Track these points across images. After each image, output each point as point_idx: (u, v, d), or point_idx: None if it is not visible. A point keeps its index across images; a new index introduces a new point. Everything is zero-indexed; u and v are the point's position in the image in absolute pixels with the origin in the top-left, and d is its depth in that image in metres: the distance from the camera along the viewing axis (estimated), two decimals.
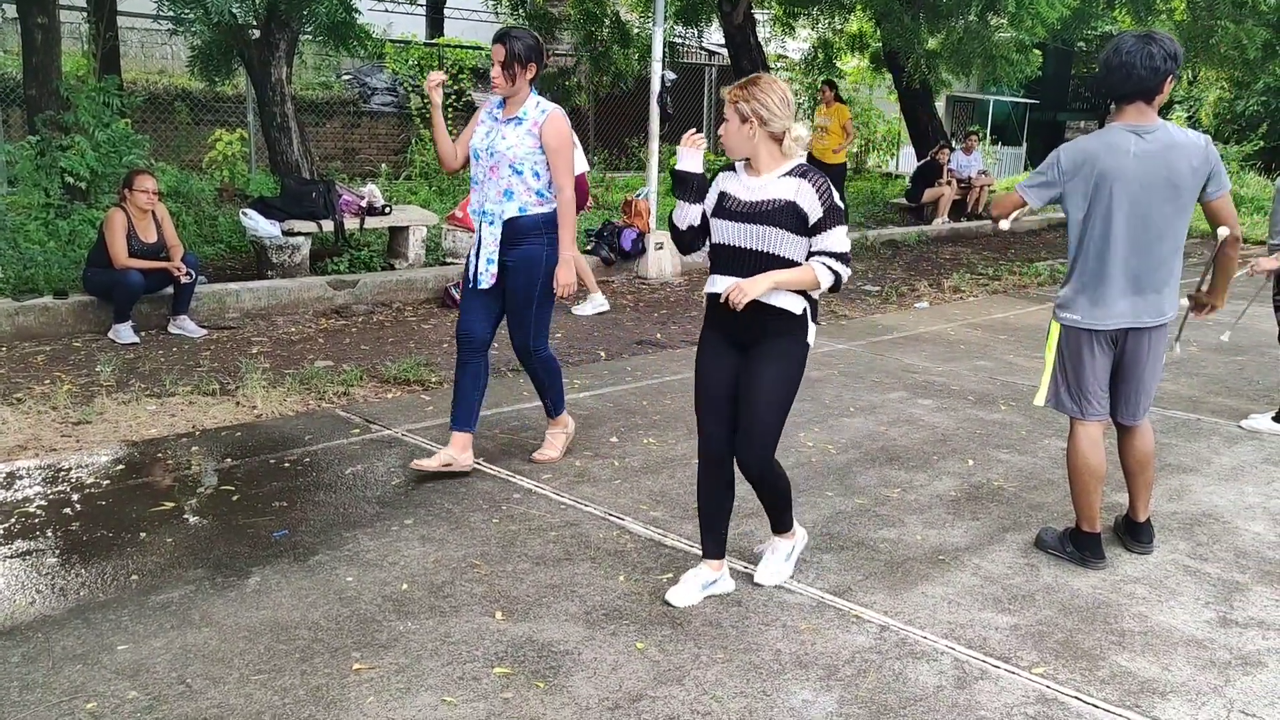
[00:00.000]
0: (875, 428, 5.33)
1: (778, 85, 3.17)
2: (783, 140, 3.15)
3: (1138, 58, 3.40)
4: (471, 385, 4.38)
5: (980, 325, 8.21)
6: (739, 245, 3.18)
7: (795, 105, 3.15)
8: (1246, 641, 3.20)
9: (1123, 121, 3.52)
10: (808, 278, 3.13)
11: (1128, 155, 3.46)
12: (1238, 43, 11.86)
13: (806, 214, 3.11)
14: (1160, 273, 3.55)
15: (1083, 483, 3.72)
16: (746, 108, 3.12)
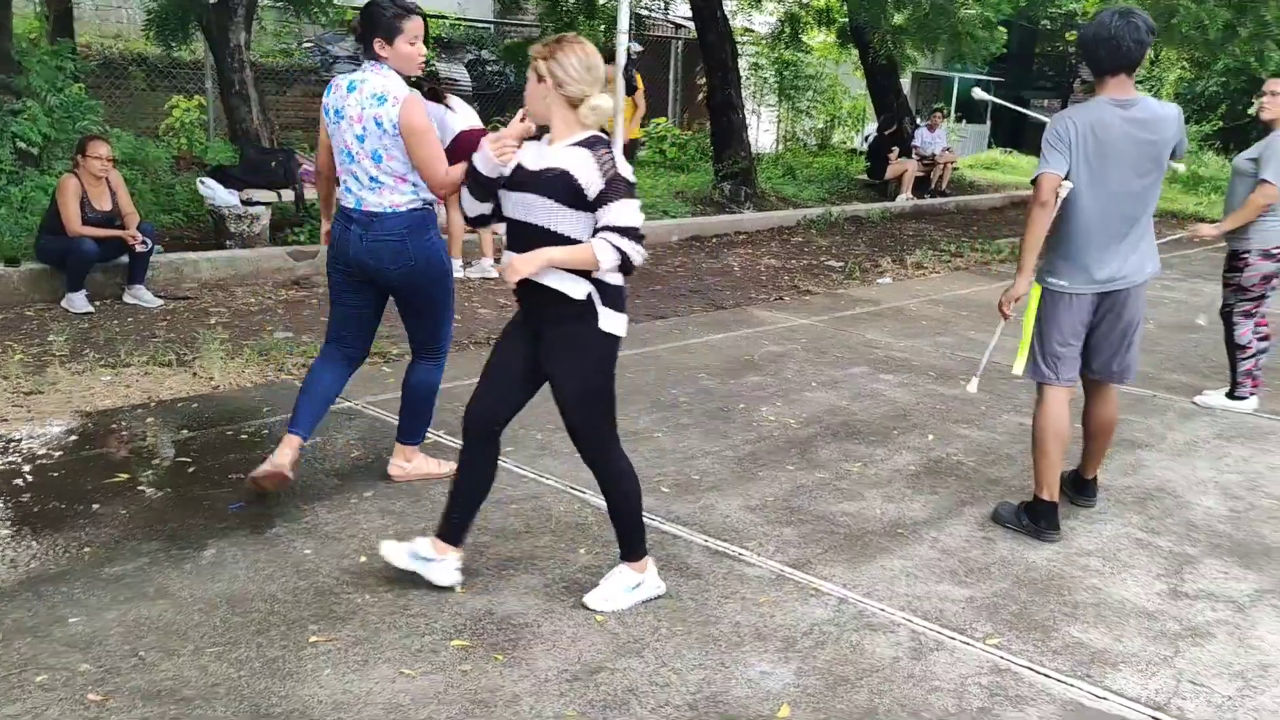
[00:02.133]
0: (837, 402, 5.35)
1: (583, 48, 2.93)
2: (579, 107, 2.91)
3: (1125, 32, 3.49)
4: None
5: (942, 301, 8.27)
6: (515, 217, 2.97)
7: (601, 73, 2.94)
8: (1196, 613, 3.27)
9: (1107, 95, 3.63)
10: (585, 255, 2.83)
11: (1116, 126, 3.58)
12: (1199, 23, 11.95)
13: (582, 186, 2.83)
14: (1143, 233, 3.72)
15: (1048, 448, 3.78)
16: (544, 66, 2.89)
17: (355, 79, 3.63)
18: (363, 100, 3.57)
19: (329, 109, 3.67)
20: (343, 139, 3.62)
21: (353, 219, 3.66)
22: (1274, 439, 5.04)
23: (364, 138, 3.57)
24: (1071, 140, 3.58)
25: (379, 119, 3.54)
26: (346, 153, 3.62)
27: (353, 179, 3.65)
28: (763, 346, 6.44)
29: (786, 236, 11.30)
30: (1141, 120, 3.58)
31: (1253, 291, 5.37)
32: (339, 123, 3.62)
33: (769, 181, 13.75)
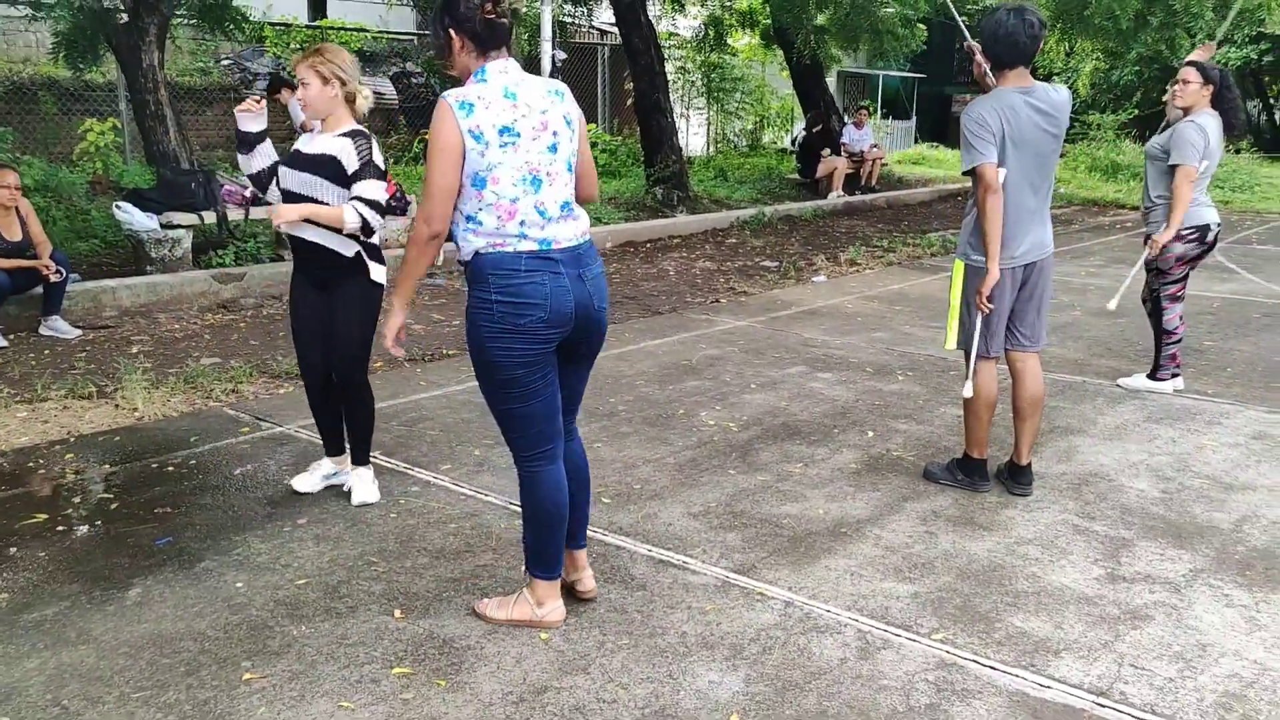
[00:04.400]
0: (776, 403, 5.35)
1: (345, 51, 3.72)
2: (355, 101, 3.70)
3: (1021, 29, 3.79)
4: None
5: (877, 297, 8.34)
6: (291, 189, 3.73)
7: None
8: (1134, 596, 3.31)
9: (1010, 85, 3.90)
10: (336, 214, 3.61)
11: (1022, 111, 3.84)
12: (1111, 13, 12.23)
13: (345, 167, 3.63)
14: (1048, 210, 4.06)
15: (979, 412, 4.14)
16: (327, 69, 3.60)
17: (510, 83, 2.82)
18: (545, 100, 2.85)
19: (494, 128, 2.74)
20: (524, 160, 2.79)
21: (558, 259, 2.84)
22: (1200, 419, 5.15)
23: (557, 147, 2.85)
24: (995, 128, 3.82)
25: (569, 118, 2.89)
26: (532, 179, 2.80)
27: (536, 210, 2.82)
28: (700, 350, 6.43)
29: (721, 238, 11.33)
30: (1041, 106, 3.87)
31: (1173, 274, 5.48)
32: (515, 142, 2.77)
33: (701, 184, 13.79)
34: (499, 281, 2.75)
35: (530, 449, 2.93)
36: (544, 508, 2.97)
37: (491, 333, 2.77)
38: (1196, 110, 5.27)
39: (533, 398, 2.85)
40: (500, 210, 2.74)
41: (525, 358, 2.79)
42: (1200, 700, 2.72)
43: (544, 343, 2.81)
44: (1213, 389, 5.68)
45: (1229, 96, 5.33)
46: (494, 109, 2.72)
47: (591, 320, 2.89)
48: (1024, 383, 4.15)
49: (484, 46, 2.78)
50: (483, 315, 2.79)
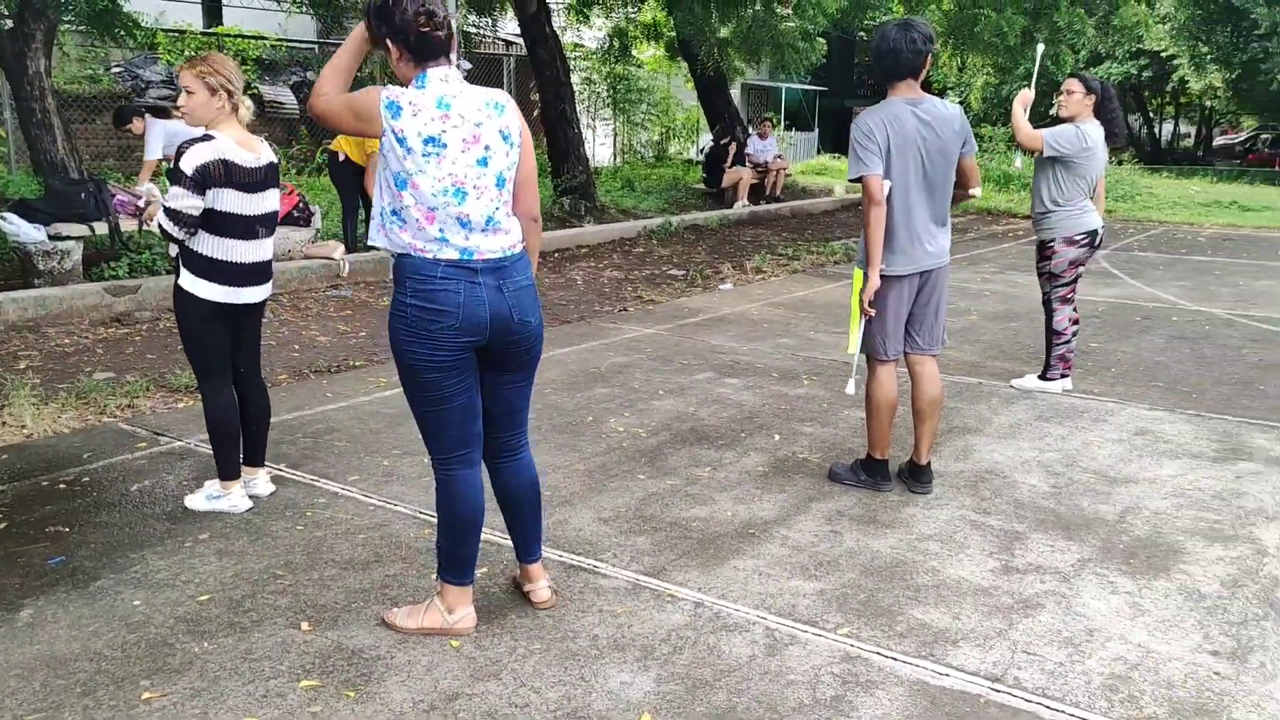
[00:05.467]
0: (684, 409, 5.42)
1: (230, 60, 3.76)
2: (238, 110, 3.72)
3: (903, 43, 3.91)
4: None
5: (782, 304, 8.50)
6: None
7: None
8: (1026, 586, 3.44)
9: (899, 96, 4.00)
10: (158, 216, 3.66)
11: (910, 124, 3.94)
12: (999, 30, 12.72)
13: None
14: (942, 220, 4.13)
15: (880, 414, 4.26)
16: (216, 80, 3.61)
17: (448, 92, 2.79)
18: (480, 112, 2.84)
19: (419, 137, 2.74)
20: (449, 171, 2.78)
21: (478, 269, 2.83)
22: (1086, 417, 5.38)
23: (488, 161, 2.84)
24: (879, 139, 3.92)
25: (506, 132, 2.87)
26: (456, 190, 2.79)
27: (458, 221, 2.81)
28: (609, 358, 6.47)
29: (628, 247, 11.40)
30: (928, 118, 3.97)
31: (1064, 277, 5.72)
32: (440, 153, 2.76)
33: (609, 194, 13.87)
34: (415, 286, 2.78)
35: (445, 452, 2.95)
36: (457, 511, 2.98)
37: (406, 335, 2.81)
38: (1081, 119, 5.53)
39: (447, 402, 2.86)
40: (419, 214, 2.76)
41: (438, 362, 2.81)
42: (1088, 683, 2.85)
43: (457, 350, 2.82)
44: (1098, 388, 5.93)
45: (1110, 107, 5.61)
46: (422, 117, 2.73)
47: (512, 331, 2.89)
48: (922, 385, 4.29)
49: (419, 57, 2.78)
50: (399, 318, 2.84)
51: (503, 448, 3.11)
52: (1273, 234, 14.42)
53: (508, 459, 3.13)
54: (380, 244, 2.86)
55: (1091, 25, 13.63)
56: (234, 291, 3.79)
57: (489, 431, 3.06)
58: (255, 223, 3.79)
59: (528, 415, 3.17)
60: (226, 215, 3.69)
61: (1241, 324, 7.89)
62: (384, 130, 2.73)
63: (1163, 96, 36.95)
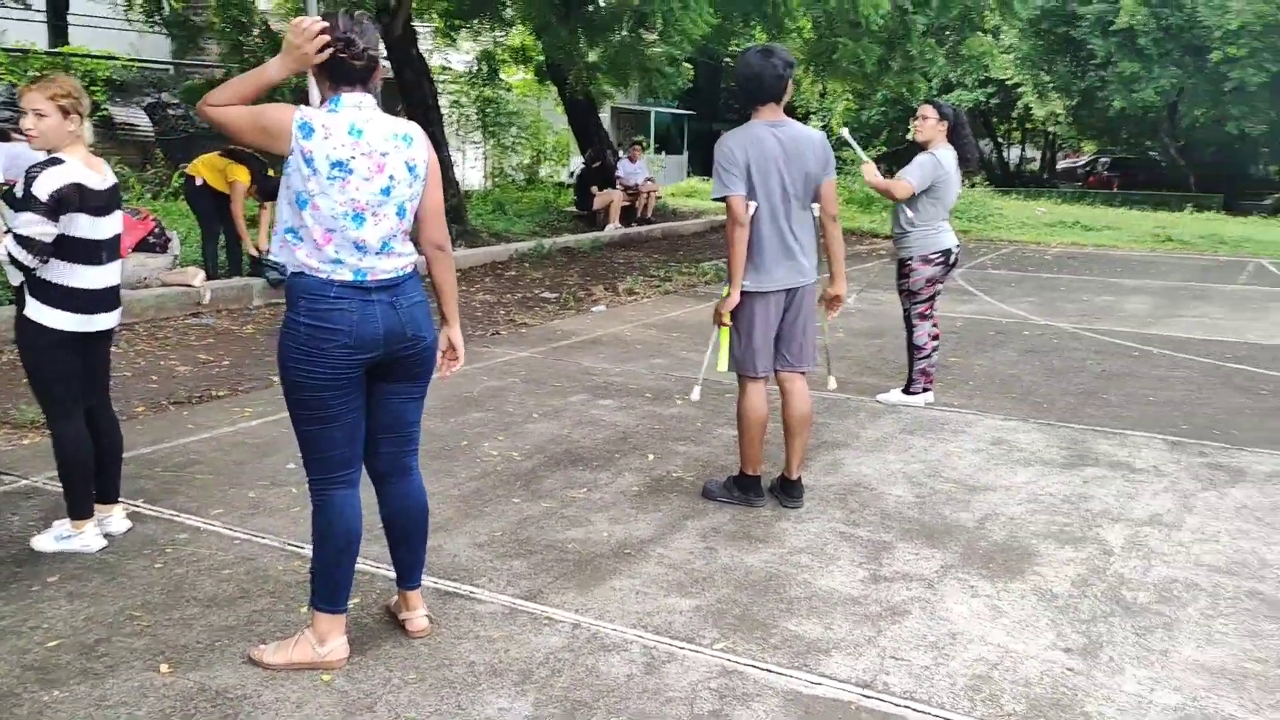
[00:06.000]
0: (559, 431, 5.41)
1: (76, 81, 3.69)
2: (82, 134, 3.63)
3: (764, 69, 4.03)
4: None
5: (654, 325, 8.59)
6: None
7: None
8: (893, 594, 3.56)
9: (761, 119, 4.11)
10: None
11: (771, 146, 4.04)
12: (857, 59, 13.22)
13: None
14: (806, 241, 4.23)
15: (751, 430, 4.32)
16: (69, 103, 3.54)
17: (359, 119, 2.81)
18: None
19: (327, 160, 2.75)
20: (351, 197, 2.78)
21: (371, 289, 2.86)
22: (947, 429, 5.60)
23: (390, 190, 2.85)
24: (740, 161, 4.03)
25: (412, 163, 2.90)
26: (355, 215, 2.80)
27: (354, 245, 2.82)
28: (482, 382, 6.41)
29: (500, 271, 11.35)
30: (790, 141, 4.09)
31: (923, 294, 5.95)
32: (345, 178, 2.77)
33: (480, 218, 13.78)
34: (308, 305, 2.80)
35: (325, 472, 2.93)
36: (335, 533, 2.93)
37: (297, 354, 2.81)
38: (935, 144, 5.79)
39: (335, 421, 2.87)
40: (317, 234, 2.78)
41: (327, 380, 2.82)
42: (952, 684, 2.96)
43: (348, 368, 2.83)
44: (958, 401, 6.19)
45: (962, 133, 5.89)
46: (333, 140, 2.75)
47: (405, 346, 2.92)
48: (792, 402, 4.38)
49: (335, 81, 2.81)
50: (290, 336, 2.83)
51: (395, 465, 3.09)
52: (1113, 252, 15.34)
53: (399, 478, 3.11)
54: (281, 259, 2.86)
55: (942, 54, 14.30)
56: (86, 319, 3.64)
57: (380, 448, 3.05)
58: (102, 247, 3.65)
59: (419, 434, 3.15)
60: (78, 240, 3.56)
61: (1086, 337, 8.35)
62: (292, 149, 2.74)
63: (1010, 122, 38.92)
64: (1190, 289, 11.33)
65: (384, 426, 3.04)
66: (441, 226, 3.07)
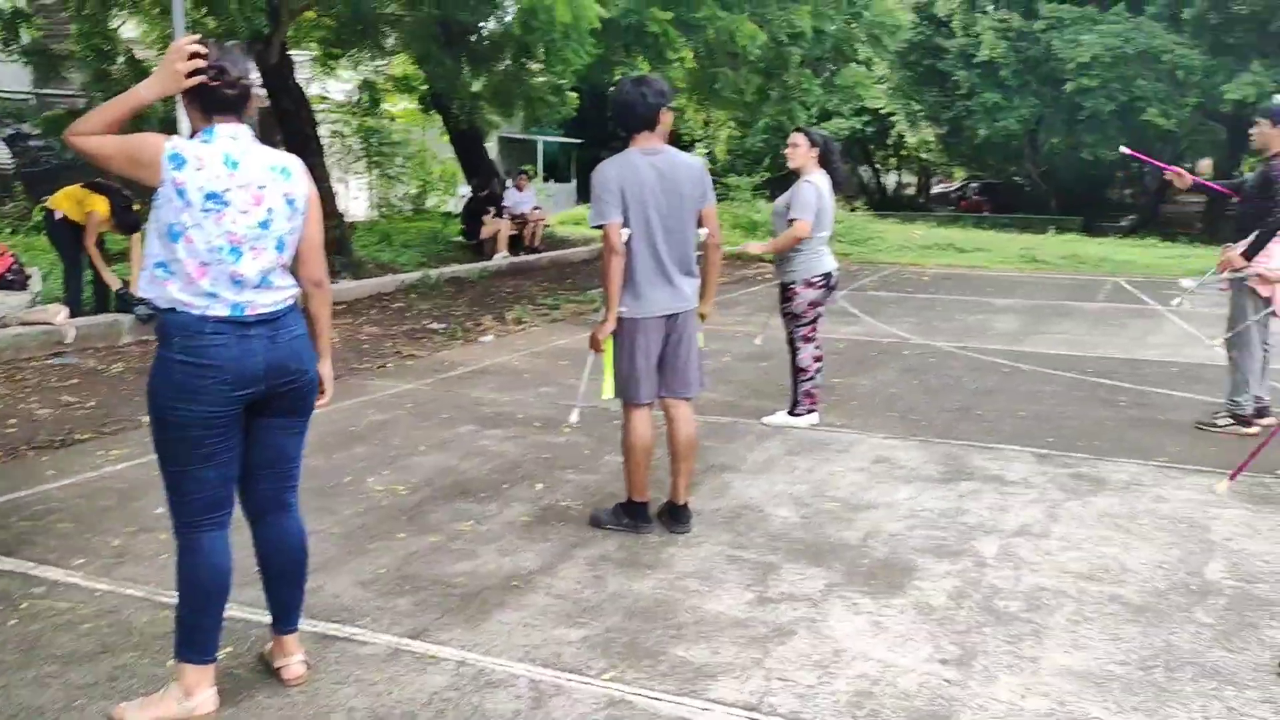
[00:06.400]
0: (447, 463, 5.33)
1: None
2: None
3: (637, 97, 4.10)
4: None
5: (543, 353, 8.55)
6: None
7: None
8: (780, 615, 3.59)
9: (637, 148, 4.15)
10: None
11: (647, 174, 4.09)
12: (737, 88, 13.51)
13: None
14: (686, 266, 4.26)
15: (636, 457, 4.33)
16: None
17: (235, 150, 2.74)
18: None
19: (201, 191, 2.67)
20: (227, 230, 2.72)
21: (250, 323, 2.78)
22: (831, 449, 5.72)
23: (269, 224, 2.78)
24: (616, 189, 4.07)
25: (291, 197, 2.84)
26: (231, 249, 2.73)
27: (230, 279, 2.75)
28: (367, 416, 6.28)
29: (387, 303, 11.16)
30: (667, 168, 4.14)
31: (805, 317, 6.07)
32: (221, 210, 2.70)
33: (365, 248, 13.56)
34: (183, 342, 2.72)
35: (196, 514, 2.82)
36: (203, 577, 2.83)
37: (170, 392, 2.73)
38: (807, 171, 5.93)
39: (207, 461, 2.78)
40: (190, 268, 2.71)
41: (203, 419, 2.74)
42: (836, 702, 3.00)
43: (226, 404, 2.76)
44: (841, 421, 6.32)
45: (832, 159, 6.05)
46: (206, 172, 2.69)
47: (287, 380, 2.86)
48: (677, 428, 4.41)
49: (207, 111, 2.75)
50: (163, 374, 2.75)
51: (273, 502, 3.00)
52: (984, 272, 15.94)
53: (277, 515, 3.02)
54: (149, 295, 2.76)
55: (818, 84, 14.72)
56: None
57: (258, 485, 2.97)
58: None
59: (300, 470, 3.07)
60: None
61: (961, 355, 8.65)
62: (163, 181, 2.66)
63: (886, 149, 40.26)
64: (1055, 307, 11.85)
65: (263, 462, 2.95)
66: (321, 262, 3.02)
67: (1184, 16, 24.57)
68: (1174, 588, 3.82)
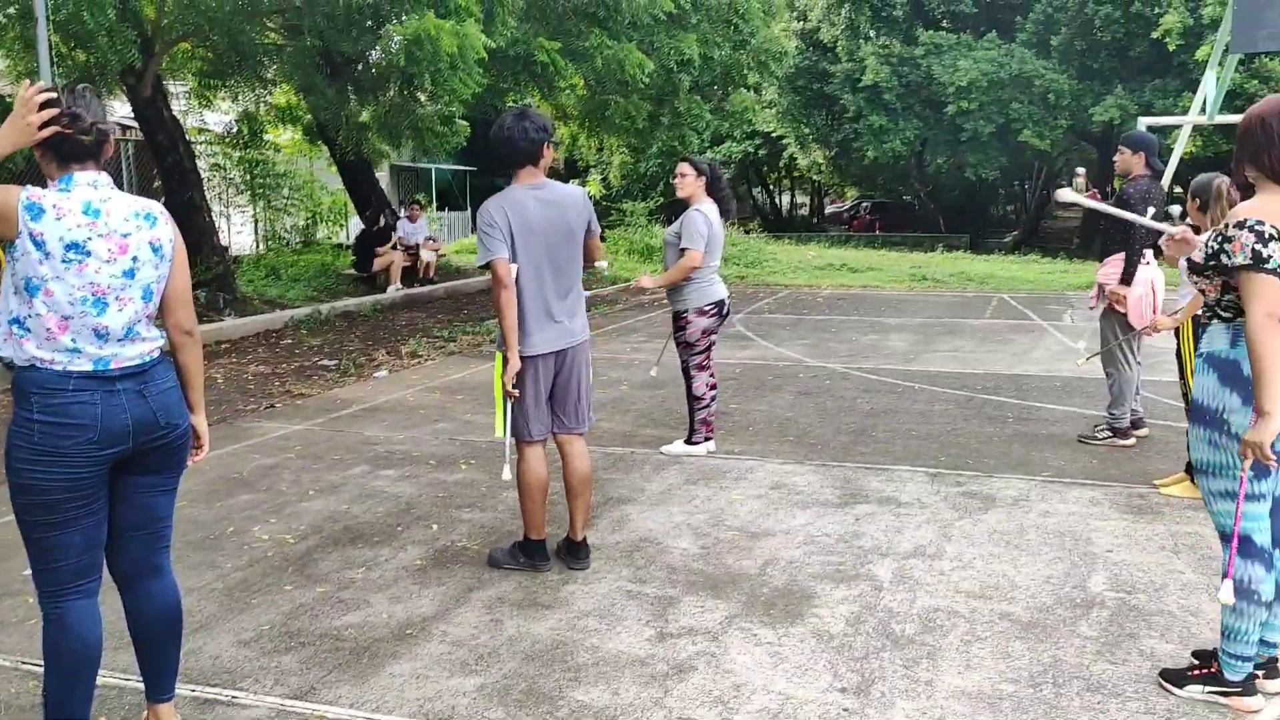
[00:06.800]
0: (337, 507, 5.18)
1: None
2: None
3: (517, 132, 4.05)
4: None
5: (439, 388, 8.41)
6: None
7: None
8: (679, 650, 3.56)
9: (520, 183, 4.13)
10: None
11: (532, 209, 4.06)
12: (628, 115, 13.59)
13: None
14: (575, 300, 4.25)
15: (532, 495, 4.27)
16: None
17: (95, 198, 2.64)
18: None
19: (60, 242, 2.57)
20: (90, 280, 2.61)
21: (115, 377, 2.66)
22: (729, 476, 5.74)
23: (134, 273, 2.68)
24: (502, 225, 4.03)
25: (157, 244, 2.73)
26: (96, 300, 2.62)
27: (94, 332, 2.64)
28: (253, 461, 6.07)
29: (275, 340, 10.85)
30: (550, 201, 4.12)
31: (698, 345, 6.09)
32: (82, 261, 2.59)
33: (251, 284, 13.18)
34: (42, 400, 2.58)
35: (62, 583, 2.67)
36: (71, 649, 2.67)
37: (30, 455, 2.59)
38: (697, 199, 5.97)
39: (71, 526, 2.64)
40: (50, 323, 2.58)
41: (67, 482, 2.61)
42: None
43: (91, 465, 2.63)
44: (738, 447, 6.35)
45: (719, 186, 6.11)
46: (66, 221, 2.58)
47: (157, 436, 2.74)
48: (572, 463, 4.37)
49: (63, 159, 2.64)
50: (21, 435, 2.60)
51: (142, 565, 2.84)
52: (877, 292, 16.32)
53: (149, 579, 2.87)
54: (4, 353, 2.62)
55: (708, 110, 14.90)
56: None
57: (127, 548, 2.81)
58: None
59: (171, 529, 2.92)
60: None
61: (855, 376, 8.80)
62: (19, 233, 2.53)
63: (779, 171, 41.08)
64: (944, 324, 12.19)
65: (132, 524, 2.80)
66: (189, 310, 2.90)
67: (1052, 43, 25.73)
68: (1060, 602, 3.92)
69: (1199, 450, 3.06)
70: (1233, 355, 2.96)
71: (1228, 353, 2.97)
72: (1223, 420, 2.95)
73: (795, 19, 29.90)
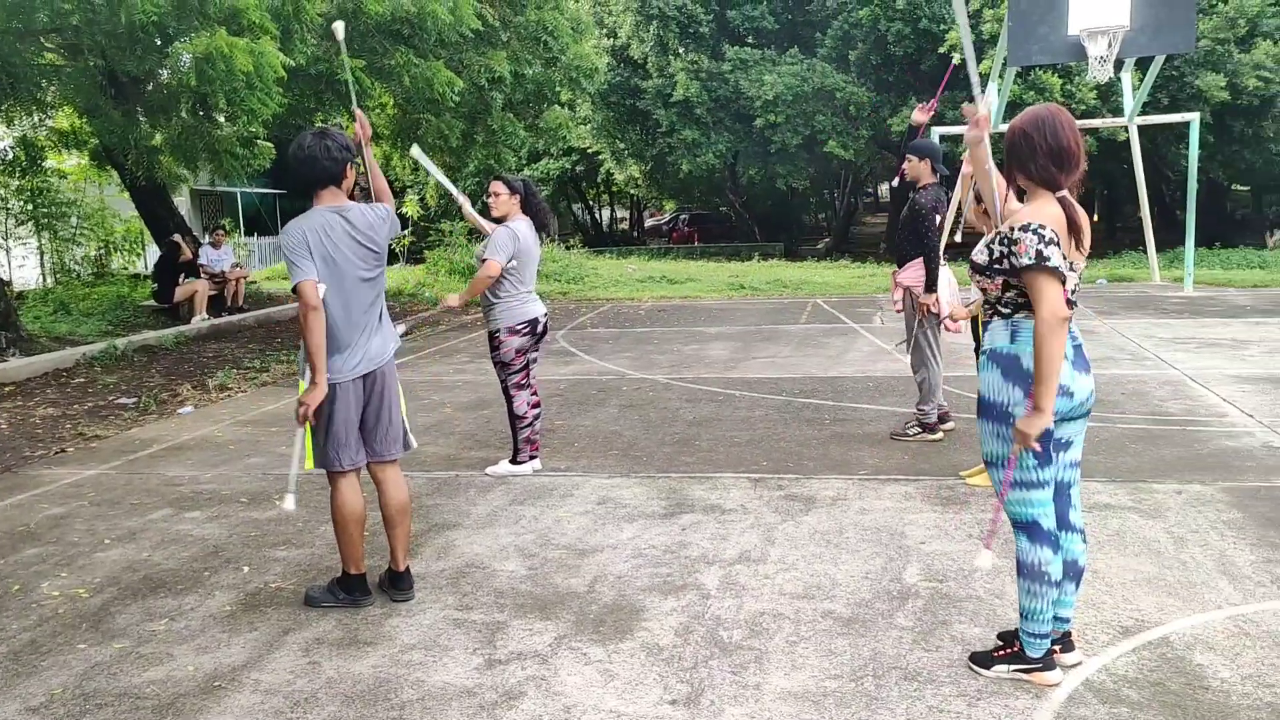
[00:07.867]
0: (136, 556, 4.83)
1: None
2: None
3: (319, 151, 3.91)
4: None
5: (250, 421, 8.01)
6: None
7: None
8: (508, 676, 3.48)
9: (322, 204, 3.99)
10: None
11: (338, 230, 3.94)
12: (441, 134, 13.37)
13: None
14: (378, 319, 4.12)
15: (348, 529, 4.09)
16: None
17: None
18: None
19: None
20: None
21: None
22: (555, 494, 5.68)
23: None
24: (309, 246, 3.89)
25: None
26: None
27: None
28: (41, 511, 5.60)
29: (65, 380, 10.09)
30: (356, 222, 4.00)
31: (515, 365, 6.01)
32: None
33: (38, 320, 12.25)
34: None
35: None
36: None
37: None
38: (511, 217, 5.91)
39: None
40: None
41: None
42: None
43: None
44: (565, 464, 6.31)
45: (534, 203, 6.06)
46: None
47: None
48: (387, 492, 4.21)
49: None
50: None
51: None
52: (697, 302, 16.64)
53: None
54: None
55: (523, 127, 14.85)
56: None
57: None
58: None
59: None
60: None
61: (678, 386, 8.91)
62: None
63: (597, 186, 41.42)
64: (762, 331, 12.53)
65: None
66: None
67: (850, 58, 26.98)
68: (878, 596, 4.06)
69: (988, 444, 3.23)
70: (1013, 350, 3.13)
71: (1008, 348, 3.14)
72: (1008, 414, 3.12)
73: (605, 36, 30.20)
